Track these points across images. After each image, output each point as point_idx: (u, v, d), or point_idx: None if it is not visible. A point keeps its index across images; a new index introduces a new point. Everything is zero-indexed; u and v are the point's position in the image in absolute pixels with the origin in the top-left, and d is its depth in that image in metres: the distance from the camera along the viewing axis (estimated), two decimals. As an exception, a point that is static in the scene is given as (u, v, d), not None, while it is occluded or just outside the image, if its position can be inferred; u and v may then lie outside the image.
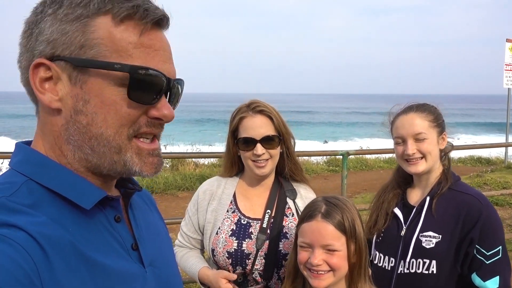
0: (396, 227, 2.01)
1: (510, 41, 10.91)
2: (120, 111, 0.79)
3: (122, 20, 0.78)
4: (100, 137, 0.79)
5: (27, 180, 0.78)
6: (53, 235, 0.72)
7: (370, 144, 24.67)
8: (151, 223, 1.01)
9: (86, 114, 0.78)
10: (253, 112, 1.91)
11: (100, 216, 0.84)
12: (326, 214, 1.56)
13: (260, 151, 1.88)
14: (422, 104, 2.00)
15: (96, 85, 0.78)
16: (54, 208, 0.77)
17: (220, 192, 2.01)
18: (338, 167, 12.30)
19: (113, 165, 0.82)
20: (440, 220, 1.88)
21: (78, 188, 0.80)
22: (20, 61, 0.82)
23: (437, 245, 1.85)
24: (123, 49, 0.78)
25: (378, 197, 2.15)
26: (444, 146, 1.98)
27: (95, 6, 0.77)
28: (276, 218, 1.94)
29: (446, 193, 1.92)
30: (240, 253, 1.89)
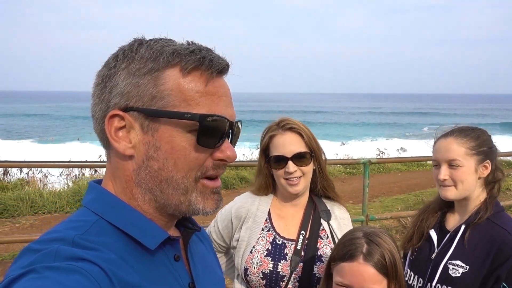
0: (428, 249, 1.97)
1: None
2: (189, 156, 0.85)
3: (189, 71, 0.84)
4: (170, 180, 0.85)
5: (99, 219, 0.84)
6: (121, 272, 0.78)
7: (387, 145, 24.43)
8: (207, 262, 1.05)
9: (157, 160, 0.84)
10: (283, 130, 1.90)
11: (161, 255, 0.88)
12: (367, 254, 1.48)
13: (291, 169, 1.85)
14: (466, 128, 1.92)
15: (166, 133, 0.84)
16: (122, 246, 0.82)
17: (255, 210, 1.99)
18: (355, 169, 12.22)
19: (179, 206, 0.87)
20: (470, 250, 1.82)
21: (144, 229, 0.85)
22: (94, 111, 0.88)
23: (463, 275, 1.80)
24: (191, 98, 0.84)
25: (419, 214, 2.11)
26: (484, 174, 1.88)
27: (164, 60, 0.83)
28: (310, 240, 1.90)
29: (483, 223, 1.84)
30: (275, 274, 1.86)
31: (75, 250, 0.76)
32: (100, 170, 10.50)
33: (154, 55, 0.83)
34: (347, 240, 1.58)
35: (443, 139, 1.92)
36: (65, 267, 0.72)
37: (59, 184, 9.89)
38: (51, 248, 0.75)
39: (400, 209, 7.88)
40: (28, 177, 10.24)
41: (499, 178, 1.91)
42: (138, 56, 0.84)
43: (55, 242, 0.77)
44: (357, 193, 9.11)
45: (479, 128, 1.95)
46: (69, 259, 0.74)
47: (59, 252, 0.74)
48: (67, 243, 0.77)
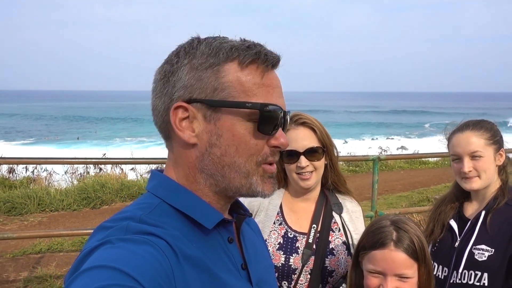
0: (450, 238, 2.04)
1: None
2: (249, 142, 0.92)
3: (247, 65, 0.91)
4: (233, 165, 0.92)
5: (161, 202, 0.92)
6: (183, 246, 0.85)
7: (388, 143, 24.49)
8: (258, 248, 1.11)
9: (219, 147, 0.91)
10: (296, 125, 1.91)
11: (217, 236, 0.95)
12: (398, 241, 1.55)
13: (304, 163, 1.87)
14: (478, 121, 2.02)
15: (227, 122, 0.91)
16: (182, 226, 0.90)
17: (267, 204, 2.00)
18: (358, 167, 12.26)
19: (240, 188, 0.94)
20: (494, 234, 1.90)
21: (202, 210, 0.93)
22: (156, 105, 0.95)
23: (489, 259, 1.88)
24: (249, 89, 0.91)
25: (436, 208, 2.19)
26: (501, 162, 1.99)
27: (224, 55, 0.90)
28: (322, 233, 1.92)
29: (502, 208, 1.93)
30: (287, 268, 1.88)
31: (143, 226, 0.84)
32: (104, 168, 10.55)
33: (214, 51, 0.90)
34: (376, 229, 1.62)
35: (460, 134, 1.99)
36: (135, 239, 0.80)
37: (65, 182, 9.94)
38: (122, 224, 0.84)
39: (404, 206, 7.94)
40: (34, 176, 10.28)
41: (507, 164, 2.03)
42: (199, 53, 0.91)
43: (125, 220, 0.86)
44: (361, 191, 9.15)
45: (487, 120, 2.04)
46: (138, 233, 0.82)
47: (129, 227, 0.83)
48: (135, 221, 0.85)
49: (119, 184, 9.02)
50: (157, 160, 4.74)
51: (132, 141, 35.62)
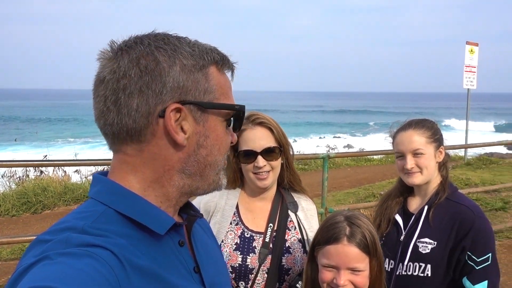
0: (396, 232, 2.14)
1: (470, 44, 11.43)
2: (227, 141, 0.99)
3: (223, 69, 0.97)
4: (214, 163, 0.96)
5: (107, 209, 0.87)
6: (131, 256, 0.81)
7: (336, 142, 25.19)
8: (210, 249, 1.09)
9: (206, 147, 0.93)
10: (253, 124, 1.91)
11: (168, 240, 0.92)
12: (350, 236, 1.61)
13: (261, 163, 1.87)
14: (420, 121, 2.13)
15: (213, 123, 0.94)
16: (130, 233, 0.86)
17: (223, 204, 1.98)
18: (307, 165, 12.51)
19: (210, 185, 0.98)
20: (436, 228, 2.01)
21: (153, 216, 0.89)
22: (130, 104, 0.87)
23: (432, 251, 1.98)
24: (225, 92, 0.96)
25: (381, 203, 2.28)
26: (441, 159, 2.11)
27: (209, 58, 0.93)
28: (278, 232, 1.94)
29: (443, 202, 2.05)
30: (244, 268, 1.88)
31: (86, 237, 0.78)
32: (45, 171, 10.02)
33: (199, 52, 0.91)
34: (330, 225, 1.67)
35: (403, 132, 2.10)
36: (76, 252, 0.74)
37: (1, 187, 9.33)
38: (61, 237, 0.78)
39: (352, 202, 8.19)
40: (-34, 180, 9.57)
41: (447, 160, 2.15)
42: (185, 53, 0.90)
43: (65, 231, 0.79)
44: (310, 188, 9.23)
45: (428, 119, 2.16)
46: (80, 245, 0.76)
47: (70, 239, 0.77)
48: (76, 231, 0.79)
49: (62, 187, 8.61)
50: (104, 162, 4.55)
51: (76, 142, 34.18)
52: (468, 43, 11.41)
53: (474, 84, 11.49)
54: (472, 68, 11.40)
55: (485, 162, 11.99)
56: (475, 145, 7.41)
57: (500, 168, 11.37)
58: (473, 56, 11.41)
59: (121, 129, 0.88)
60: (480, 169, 11.16)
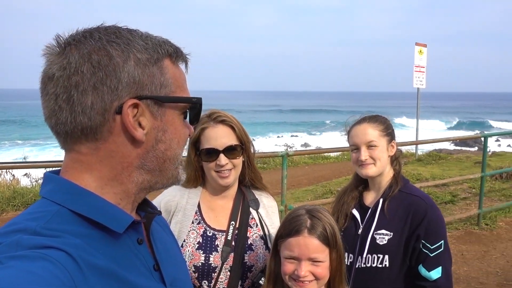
0: (354, 226, 2.21)
1: (419, 45, 11.92)
2: (185, 134, 0.97)
3: (177, 61, 0.95)
4: (173, 157, 0.95)
5: (60, 208, 0.83)
6: (88, 256, 0.78)
7: (294, 141, 25.54)
8: (168, 246, 1.07)
9: (165, 142, 0.92)
10: (215, 123, 1.90)
11: (126, 239, 0.90)
12: (311, 228, 1.66)
13: (223, 162, 1.87)
14: (374, 116, 2.22)
15: (170, 116, 0.92)
16: (87, 232, 0.82)
17: (184, 203, 1.96)
18: (266, 164, 12.59)
19: (169, 179, 0.96)
20: (391, 219, 2.09)
21: (111, 214, 0.86)
22: (83, 101, 0.83)
23: (389, 242, 2.06)
24: (181, 84, 0.94)
25: (338, 199, 2.35)
26: (393, 152, 2.20)
27: (162, 51, 0.90)
28: (240, 229, 1.95)
29: (396, 195, 2.13)
30: (207, 266, 1.87)
31: (38, 238, 0.74)
32: None
33: (153, 45, 0.89)
34: (292, 218, 1.72)
35: (358, 126, 2.18)
36: (29, 255, 0.71)
37: None
38: (12, 239, 0.73)
39: (310, 199, 8.34)
40: None
41: (399, 155, 2.25)
42: (138, 46, 0.87)
43: (16, 233, 0.75)
44: (270, 186, 9.33)
45: (381, 115, 2.26)
46: (33, 247, 0.72)
47: (21, 242, 0.73)
48: (28, 233, 0.75)
49: (11, 191, 8.19)
50: (56, 164, 4.35)
51: (25, 144, 32.63)
52: (417, 44, 11.89)
53: (424, 83, 11.99)
54: (421, 68, 11.90)
55: (435, 158, 12.58)
56: (425, 141, 7.74)
57: (448, 163, 11.96)
58: (422, 56, 11.90)
59: (75, 128, 0.84)
60: (430, 165, 11.70)
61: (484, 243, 6.26)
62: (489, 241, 6.33)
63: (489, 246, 6.16)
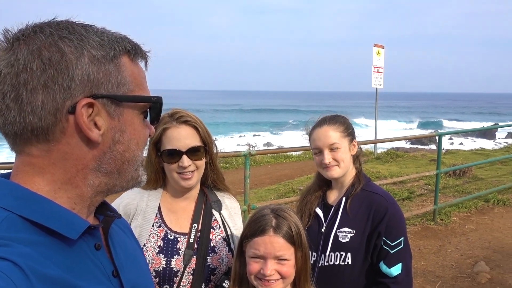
0: (317, 225, 2.22)
1: (377, 46, 12.25)
2: (145, 134, 0.94)
3: (136, 58, 0.91)
4: (132, 159, 0.91)
5: (9, 215, 0.77)
6: (38, 266, 0.73)
7: (256, 140, 25.62)
8: (130, 251, 1.03)
9: (123, 143, 0.88)
10: (178, 123, 1.84)
11: (82, 244, 0.85)
12: (276, 227, 1.66)
13: (186, 163, 1.81)
14: (334, 117, 2.23)
15: (129, 116, 0.88)
16: (38, 240, 0.78)
17: (144, 206, 1.90)
18: (228, 163, 12.57)
19: (129, 181, 0.93)
20: (353, 217, 2.12)
21: (64, 220, 0.82)
22: (34, 101, 0.78)
23: (351, 239, 2.09)
24: (140, 83, 0.91)
25: (302, 198, 2.35)
26: (355, 152, 2.22)
27: (119, 48, 0.86)
28: (203, 232, 1.91)
29: (358, 193, 2.16)
30: (169, 271, 1.82)
31: None
32: None
33: (109, 42, 0.85)
34: (257, 218, 1.71)
35: (319, 129, 2.18)
36: None
37: None
38: None
39: (273, 198, 8.38)
40: None
41: (360, 154, 2.28)
42: (93, 42, 0.82)
43: None
44: (232, 186, 9.29)
45: (341, 115, 2.27)
46: None
47: None
48: None
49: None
50: (6, 166, 4.07)
51: (-27, 145, 30.96)
52: (375, 45, 12.22)
53: (382, 83, 12.34)
54: (379, 69, 12.23)
55: (392, 156, 12.98)
56: (383, 140, 7.99)
57: (405, 161, 12.37)
58: (380, 57, 12.25)
59: (24, 128, 0.80)
60: (388, 163, 12.06)
61: (440, 238, 6.50)
62: (444, 236, 6.58)
63: (444, 240, 6.41)
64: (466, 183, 9.41)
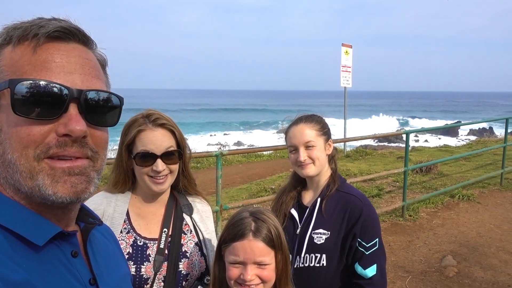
0: (292, 226, 2.19)
1: (345, 46, 12.41)
2: (20, 132, 0.76)
3: (17, 44, 0.79)
4: (10, 163, 0.77)
5: None
6: (7, 270, 0.71)
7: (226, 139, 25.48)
8: (111, 258, 1.00)
9: (1, 143, 0.77)
10: (154, 126, 1.78)
11: (57, 251, 0.82)
12: (256, 231, 1.61)
13: (160, 167, 1.75)
14: (310, 116, 2.22)
15: (4, 112, 0.77)
16: (5, 243, 0.74)
17: (111, 211, 1.83)
18: (199, 163, 12.45)
19: (32, 192, 0.77)
20: (328, 218, 2.10)
21: (30, 224, 0.78)
22: None
23: (326, 241, 2.07)
24: (19, 68, 0.77)
25: (277, 199, 2.32)
26: (330, 151, 2.21)
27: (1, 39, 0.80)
28: (173, 237, 1.85)
29: (334, 194, 2.15)
30: (138, 278, 1.76)
31: None
32: None
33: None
34: (236, 222, 1.66)
35: (294, 127, 2.17)
36: None
37: None
38: None
39: (245, 197, 8.35)
40: None
41: (335, 154, 2.27)
42: None
43: None
44: (204, 186, 9.28)
45: (317, 114, 2.27)
46: None
47: None
48: None
49: None
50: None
51: None
52: (343, 45, 12.37)
53: (350, 82, 12.52)
54: (347, 68, 12.40)
55: (361, 154, 13.21)
56: (353, 138, 8.10)
57: (374, 158, 12.62)
58: (348, 57, 12.42)
59: None
60: (358, 161, 12.26)
61: (409, 233, 6.64)
62: (413, 231, 6.73)
63: (412, 236, 6.56)
64: (432, 179, 9.68)
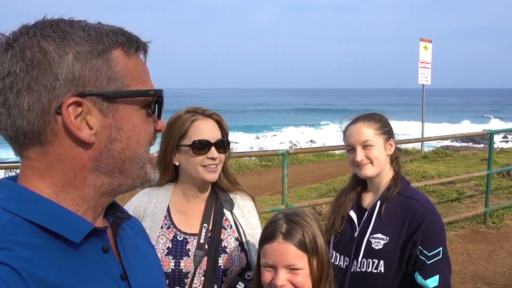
0: (350, 229, 2.12)
1: (424, 41, 11.77)
2: (147, 130, 0.89)
3: (131, 52, 0.86)
4: (134, 157, 0.87)
5: (13, 217, 0.77)
6: (37, 270, 0.72)
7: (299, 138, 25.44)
8: (141, 252, 1.01)
9: (120, 141, 0.84)
10: (204, 116, 1.86)
11: (88, 247, 0.84)
12: (287, 234, 1.56)
13: (216, 154, 1.81)
14: (369, 114, 2.14)
15: (125, 112, 0.84)
16: (41, 243, 0.77)
17: (153, 207, 1.89)
18: (270, 162, 12.53)
19: (135, 180, 0.89)
20: (388, 223, 2.00)
21: (67, 222, 0.80)
22: (19, 104, 0.77)
23: (384, 247, 1.97)
24: (138, 76, 0.86)
25: (336, 200, 2.26)
26: (391, 151, 2.10)
27: (109, 42, 0.82)
28: (213, 232, 1.86)
29: (395, 197, 2.03)
30: (178, 272, 1.79)
31: None
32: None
33: (96, 36, 0.81)
34: (269, 224, 1.64)
35: (352, 126, 2.10)
36: None
37: None
38: None
39: (314, 197, 8.25)
40: None
41: (399, 155, 2.15)
42: (78, 38, 0.79)
43: None
44: (273, 185, 9.34)
45: (377, 113, 2.17)
46: None
47: None
48: None
49: None
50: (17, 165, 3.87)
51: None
52: (422, 40, 11.74)
53: (429, 79, 11.85)
54: (426, 64, 11.75)
55: (441, 155, 12.45)
56: (429, 138, 7.68)
57: (455, 160, 11.83)
58: (427, 52, 11.75)
59: (16, 133, 0.79)
60: (436, 162, 11.57)
61: (491, 242, 6.15)
62: (496, 240, 6.22)
63: (496, 245, 6.06)
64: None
